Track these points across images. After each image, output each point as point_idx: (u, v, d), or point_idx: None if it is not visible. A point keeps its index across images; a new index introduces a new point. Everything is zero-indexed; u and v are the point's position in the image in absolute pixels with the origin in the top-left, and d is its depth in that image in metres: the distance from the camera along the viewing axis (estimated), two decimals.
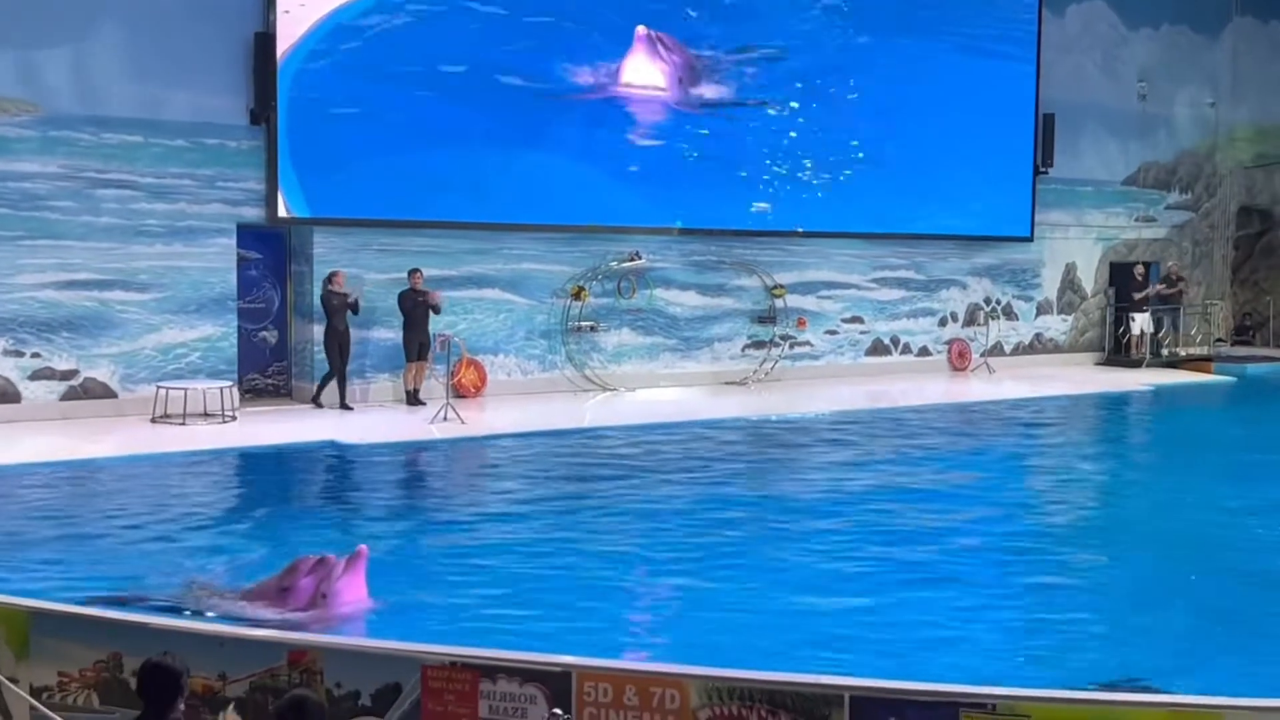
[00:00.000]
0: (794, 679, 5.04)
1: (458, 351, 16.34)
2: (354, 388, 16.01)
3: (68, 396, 14.64)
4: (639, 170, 18.30)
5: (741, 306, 19.67)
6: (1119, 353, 23.52)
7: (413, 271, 16.15)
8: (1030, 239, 22.51)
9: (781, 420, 16.50)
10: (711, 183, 18.83)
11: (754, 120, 19.29)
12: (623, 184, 18.13)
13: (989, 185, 21.53)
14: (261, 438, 13.91)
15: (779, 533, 10.47)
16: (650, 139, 18.40)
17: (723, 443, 14.75)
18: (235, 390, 15.14)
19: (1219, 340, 25.46)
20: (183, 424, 14.23)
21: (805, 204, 19.82)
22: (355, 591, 7.94)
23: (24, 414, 14.17)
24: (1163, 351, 23.46)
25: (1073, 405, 19.01)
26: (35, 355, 14.44)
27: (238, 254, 15.76)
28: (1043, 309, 23.44)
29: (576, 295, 17.89)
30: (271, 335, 16.49)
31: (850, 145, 20.18)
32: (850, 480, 12.85)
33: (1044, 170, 22.35)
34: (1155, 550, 10.17)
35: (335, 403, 15.68)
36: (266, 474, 12.70)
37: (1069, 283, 23.77)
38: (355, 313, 15.82)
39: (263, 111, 15.45)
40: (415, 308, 16.05)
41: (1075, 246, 23.78)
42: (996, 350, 22.36)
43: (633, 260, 18.40)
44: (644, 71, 18.24)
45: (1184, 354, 23.66)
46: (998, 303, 22.70)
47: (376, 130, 16.21)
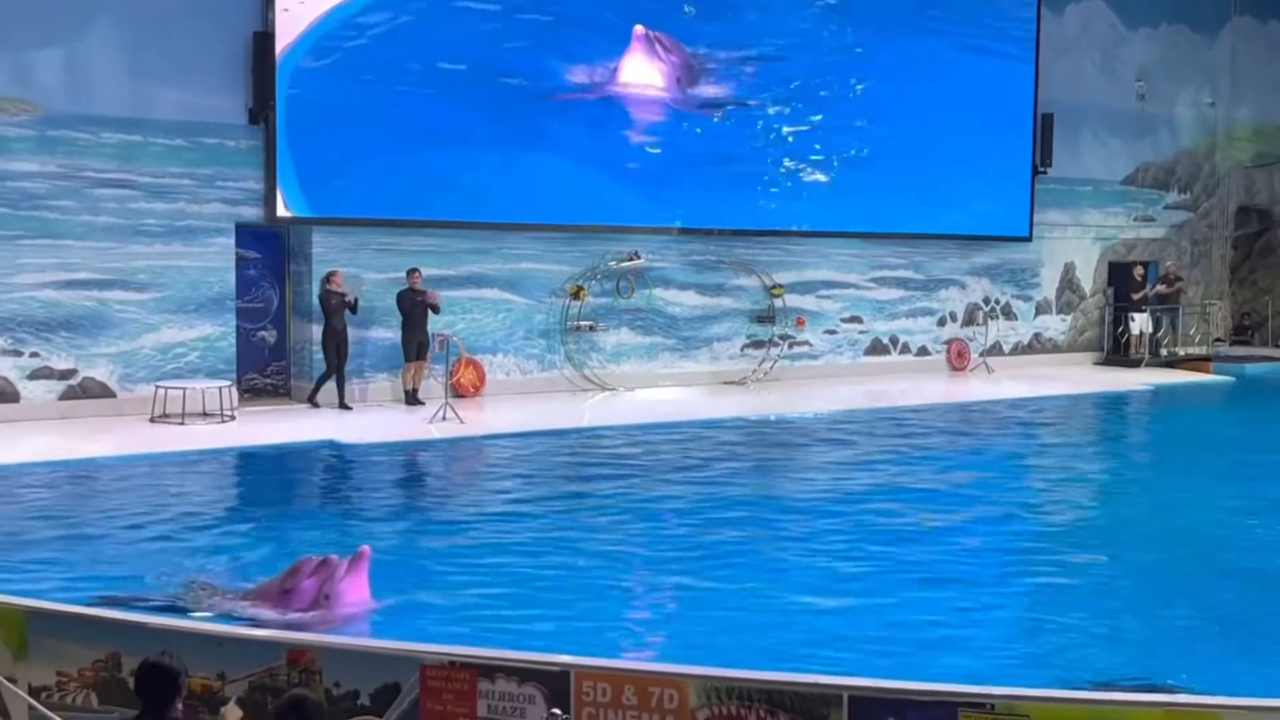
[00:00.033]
0: (793, 679, 5.03)
1: (456, 351, 16.34)
2: (353, 387, 16.02)
3: (66, 396, 14.64)
4: (638, 170, 18.30)
5: (740, 306, 19.67)
6: (1118, 352, 23.53)
7: (411, 271, 16.14)
8: (1029, 239, 22.52)
9: (781, 420, 16.50)
10: (710, 182, 18.82)
11: (753, 120, 19.29)
12: (622, 183, 18.13)
13: (988, 185, 21.53)
14: (260, 437, 13.91)
15: (778, 532, 10.45)
16: (649, 139, 18.40)
17: (722, 442, 14.75)
18: (234, 390, 15.14)
19: (1218, 340, 25.46)
20: (181, 424, 14.23)
21: (804, 203, 19.83)
22: (358, 593, 7.90)
23: (23, 413, 14.17)
24: (1161, 351, 23.45)
25: (1072, 405, 19.00)
26: (34, 355, 14.43)
27: (236, 253, 15.76)
28: (1041, 309, 23.46)
29: (575, 295, 17.88)
30: (270, 335, 16.49)
31: (849, 145, 20.19)
32: (849, 480, 12.85)
33: (1043, 170, 22.35)
34: (1155, 550, 10.17)
35: (334, 402, 15.68)
36: (265, 474, 12.70)
37: (1068, 282, 23.78)
38: (354, 312, 15.82)
39: (261, 111, 15.45)
40: (414, 307, 16.04)
41: (1074, 246, 23.80)
42: (995, 350, 22.36)
43: (632, 260, 18.40)
44: (642, 71, 18.23)
45: (1183, 354, 23.65)
46: (997, 302, 22.71)
47: (375, 129, 16.21)
